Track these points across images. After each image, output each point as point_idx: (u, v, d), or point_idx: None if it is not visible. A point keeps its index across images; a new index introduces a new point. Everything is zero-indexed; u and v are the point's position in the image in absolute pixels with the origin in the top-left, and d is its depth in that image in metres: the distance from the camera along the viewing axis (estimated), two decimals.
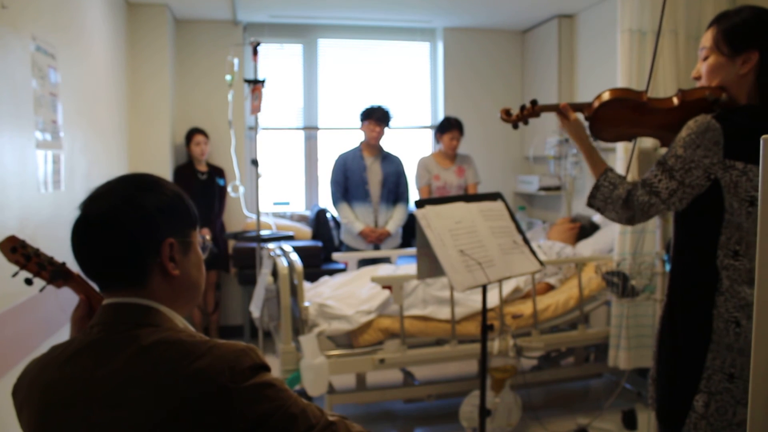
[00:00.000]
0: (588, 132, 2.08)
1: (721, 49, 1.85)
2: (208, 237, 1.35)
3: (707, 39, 1.89)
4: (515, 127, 2.20)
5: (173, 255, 1.20)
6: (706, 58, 1.90)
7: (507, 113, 2.18)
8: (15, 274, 1.37)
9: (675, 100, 1.96)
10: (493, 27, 6.07)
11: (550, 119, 5.47)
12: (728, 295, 1.79)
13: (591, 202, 2.01)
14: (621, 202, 1.92)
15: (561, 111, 2.09)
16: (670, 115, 1.96)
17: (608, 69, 4.75)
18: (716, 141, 1.76)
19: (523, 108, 2.13)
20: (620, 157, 3.54)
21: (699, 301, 1.84)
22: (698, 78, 1.95)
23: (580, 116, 2.10)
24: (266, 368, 1.12)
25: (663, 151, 2.20)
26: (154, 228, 1.17)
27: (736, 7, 1.88)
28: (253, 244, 4.68)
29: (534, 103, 2.12)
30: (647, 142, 3.32)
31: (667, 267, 2.58)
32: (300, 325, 3.41)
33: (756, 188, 1.75)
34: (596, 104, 2.03)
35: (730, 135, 1.76)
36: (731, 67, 1.85)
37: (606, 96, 2.01)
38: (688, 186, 1.81)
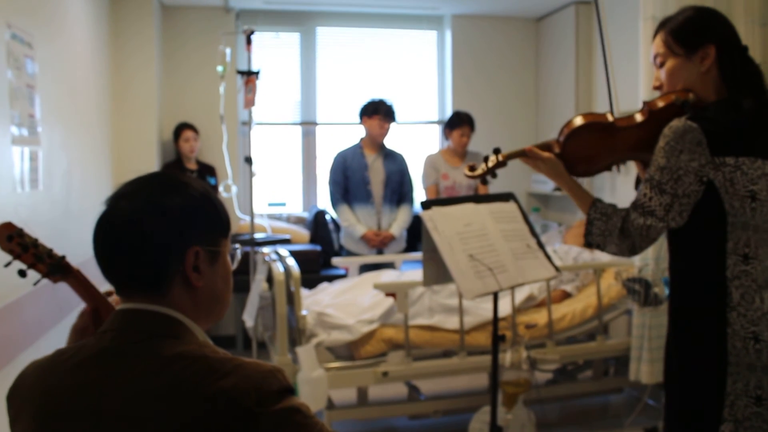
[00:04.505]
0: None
1: (675, 50, 1.92)
2: (239, 248, 1.33)
3: (658, 45, 1.96)
4: (484, 182, 2.17)
5: (198, 264, 1.19)
6: (662, 65, 1.95)
7: (471, 168, 2.18)
8: (8, 264, 1.36)
9: (641, 115, 1.97)
10: (505, 14, 6.06)
11: (567, 108, 5.46)
12: (741, 309, 1.77)
13: (589, 240, 1.97)
14: (617, 231, 1.90)
15: (530, 155, 2.06)
16: (642, 131, 1.96)
17: (629, 59, 4.74)
18: (698, 141, 1.78)
19: (486, 159, 2.13)
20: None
21: (708, 321, 1.81)
22: (659, 87, 1.99)
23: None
24: (293, 392, 1.12)
25: None
26: (178, 234, 1.17)
27: (678, 10, 1.97)
28: (247, 248, 4.68)
29: (497, 151, 2.11)
30: None
31: (666, 290, 2.58)
32: (297, 335, 3.41)
33: (753, 181, 1.78)
34: (563, 137, 2.02)
35: (711, 132, 1.79)
36: (692, 66, 1.91)
37: (571, 125, 2.01)
38: (683, 196, 1.80)
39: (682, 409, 1.89)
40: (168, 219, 1.16)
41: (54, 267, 1.38)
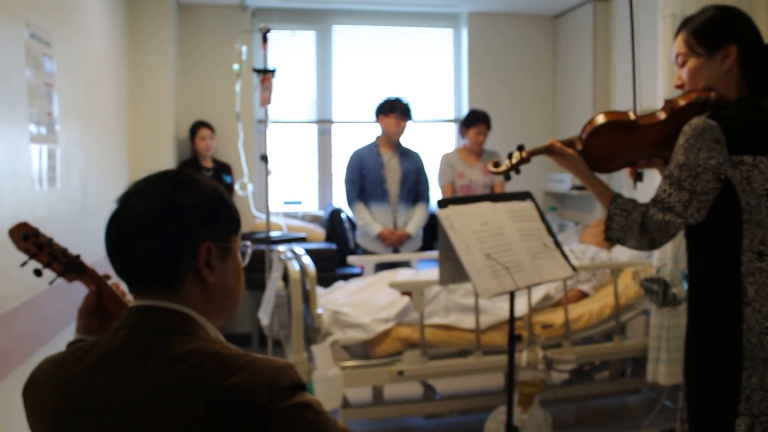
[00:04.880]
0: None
1: (697, 50, 1.95)
2: (250, 244, 1.34)
3: (680, 45, 1.99)
4: (507, 178, 2.21)
5: (210, 260, 1.20)
6: (683, 64, 1.99)
7: (496, 165, 2.21)
8: (24, 264, 1.39)
9: (662, 114, 2.02)
10: (521, 12, 6.04)
11: (584, 106, 5.44)
12: (756, 305, 1.82)
13: (609, 235, 2.03)
14: (637, 227, 1.94)
15: (554, 150, 2.12)
16: (663, 129, 2.01)
17: (648, 58, 4.71)
18: (717, 139, 1.82)
19: (510, 155, 2.17)
20: None
21: (724, 316, 1.87)
22: (681, 86, 2.03)
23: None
24: (305, 388, 1.12)
25: None
26: (191, 230, 1.18)
27: (700, 9, 2.00)
28: (263, 246, 4.69)
29: (521, 148, 2.16)
30: None
31: (685, 285, 2.63)
32: (312, 333, 3.41)
33: None
34: (586, 134, 2.08)
35: (730, 130, 1.82)
36: (713, 66, 1.94)
37: (594, 123, 2.07)
38: (701, 193, 1.84)
39: (700, 403, 1.93)
40: (180, 215, 1.17)
41: (69, 266, 1.40)
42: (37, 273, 1.39)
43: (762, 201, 1.82)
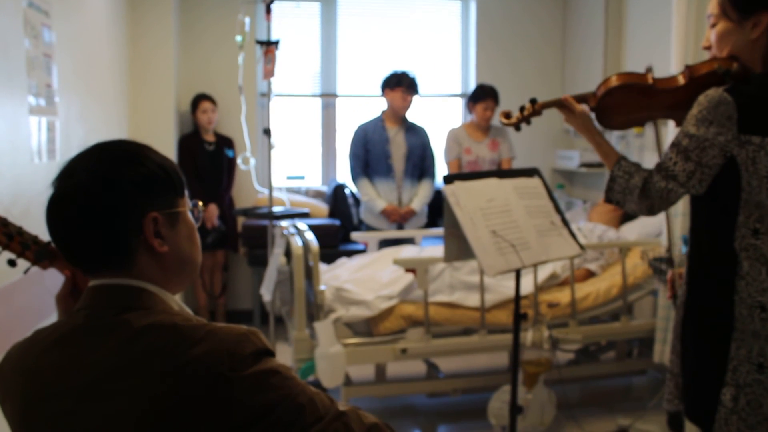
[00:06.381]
0: (595, 122, 2.16)
1: (729, 14, 1.90)
2: (200, 204, 1.32)
3: (713, 5, 1.94)
4: (517, 128, 2.30)
5: (159, 230, 1.18)
6: (714, 26, 1.95)
7: (507, 116, 2.29)
8: None
9: (681, 79, 2.02)
10: None
11: (594, 83, 5.41)
12: (749, 278, 1.84)
13: (609, 196, 2.05)
14: (638, 191, 1.96)
15: (565, 105, 2.17)
16: (679, 94, 2.01)
17: (661, 31, 4.68)
18: (729, 116, 1.80)
19: (522, 108, 2.23)
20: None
21: (718, 287, 1.89)
22: (708, 47, 1.99)
23: (585, 107, 2.19)
24: (270, 353, 1.11)
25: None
26: (130, 204, 1.15)
27: None
28: (265, 222, 4.70)
29: (533, 101, 2.22)
30: None
31: (684, 249, 2.67)
32: (315, 310, 3.43)
33: None
34: (600, 93, 2.11)
35: (744, 108, 1.80)
36: (741, 33, 1.89)
37: (610, 83, 2.10)
38: (705, 166, 1.85)
39: (689, 370, 1.99)
40: (114, 191, 1.14)
41: (41, 253, 1.40)
42: (11, 263, 1.38)
43: (763, 183, 1.81)
